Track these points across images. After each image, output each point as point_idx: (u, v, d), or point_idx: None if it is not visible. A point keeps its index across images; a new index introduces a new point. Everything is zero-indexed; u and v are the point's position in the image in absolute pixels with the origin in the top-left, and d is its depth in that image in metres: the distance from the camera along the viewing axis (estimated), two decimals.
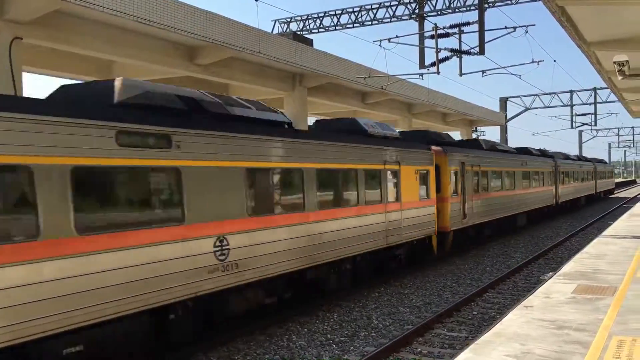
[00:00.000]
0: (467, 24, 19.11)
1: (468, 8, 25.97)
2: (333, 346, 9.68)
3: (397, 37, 19.38)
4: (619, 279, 10.07)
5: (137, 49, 16.00)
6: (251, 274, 9.62)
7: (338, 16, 30.39)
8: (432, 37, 19.18)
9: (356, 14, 29.69)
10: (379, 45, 19.65)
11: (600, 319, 7.48)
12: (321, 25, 30.99)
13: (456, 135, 45.33)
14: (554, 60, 28.93)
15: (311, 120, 25.23)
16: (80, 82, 9.67)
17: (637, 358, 5.90)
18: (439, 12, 26.75)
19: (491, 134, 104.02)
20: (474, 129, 48.36)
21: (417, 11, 26.57)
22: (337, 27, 30.48)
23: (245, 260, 9.49)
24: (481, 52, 19.61)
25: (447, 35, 19.17)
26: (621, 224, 20.03)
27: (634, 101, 24.07)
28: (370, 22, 29.24)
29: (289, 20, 32.10)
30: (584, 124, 46.55)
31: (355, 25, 29.76)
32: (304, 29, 31.32)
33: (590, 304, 8.30)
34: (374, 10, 29.08)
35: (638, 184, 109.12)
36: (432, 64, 19.95)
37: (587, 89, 44.98)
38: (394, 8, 28.30)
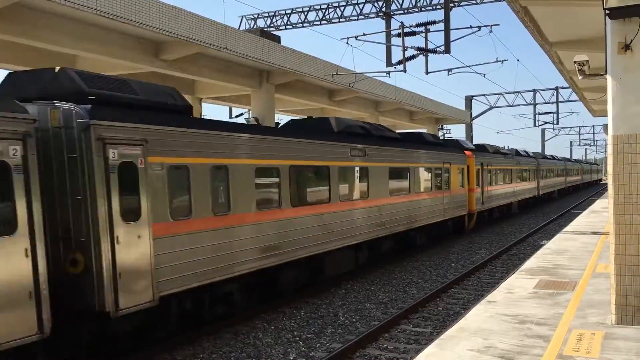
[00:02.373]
0: (433, 22, 19.27)
1: (434, 7, 26.23)
2: (300, 343, 9.69)
3: (364, 35, 19.45)
4: (579, 274, 10.31)
5: (101, 44, 15.70)
6: (389, 230, 16.32)
7: (305, 13, 30.35)
8: (398, 35, 19.28)
9: (324, 11, 29.70)
10: (347, 42, 19.69)
11: (561, 313, 7.65)
12: (289, 22, 30.91)
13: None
14: (518, 60, 29.45)
15: (277, 117, 25.16)
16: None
17: (596, 351, 6.06)
18: (406, 11, 26.93)
19: (457, 131, 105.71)
20: (439, 126, 48.86)
21: (384, 9, 26.71)
22: (304, 24, 30.44)
23: (387, 220, 16.11)
24: (447, 50, 19.81)
25: (413, 33, 19.30)
26: (582, 220, 20.51)
27: (594, 100, 24.66)
28: (337, 20, 29.28)
29: (256, 16, 31.93)
30: (546, 123, 47.49)
31: (322, 22, 29.77)
32: (272, 25, 31.20)
33: (551, 299, 8.48)
34: (342, 8, 29.13)
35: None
36: (399, 62, 20.07)
37: (549, 88, 45.88)
38: (361, 6, 28.41)
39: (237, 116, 29.44)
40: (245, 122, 20.98)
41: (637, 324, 6.79)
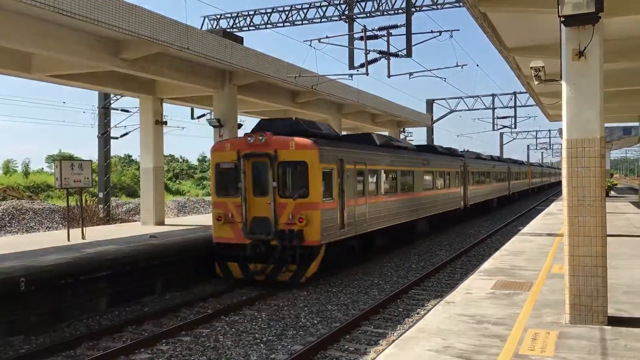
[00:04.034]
0: (395, 26, 19.46)
1: (396, 11, 26.46)
2: (261, 345, 9.65)
3: (327, 37, 19.49)
4: (535, 275, 10.55)
5: (58, 42, 15.31)
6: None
7: (269, 14, 30.26)
8: (361, 38, 19.41)
9: (287, 13, 29.66)
10: (310, 45, 19.71)
11: (517, 313, 7.81)
12: (251, 23, 30.76)
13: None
14: (477, 65, 30.07)
15: (240, 119, 24.99)
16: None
17: (550, 350, 6.21)
18: (368, 15, 27.12)
19: (418, 134, 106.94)
20: (401, 129, 49.36)
21: (346, 13, 26.85)
22: (267, 26, 30.33)
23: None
24: (408, 54, 20.05)
25: (375, 37, 19.45)
26: (537, 222, 20.99)
27: (550, 105, 25.24)
28: (300, 22, 29.28)
29: (218, 17, 31.69)
30: (504, 127, 48.46)
31: (285, 24, 29.72)
32: (234, 26, 31.00)
33: (508, 299, 8.66)
34: (305, 10, 29.14)
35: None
36: (361, 65, 20.19)
37: (507, 92, 46.81)
38: (324, 9, 28.47)
39: (199, 117, 29.12)
40: (209, 124, 20.93)
41: (590, 323, 6.99)
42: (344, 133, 26.29)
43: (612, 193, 40.06)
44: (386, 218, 18.64)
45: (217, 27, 30.67)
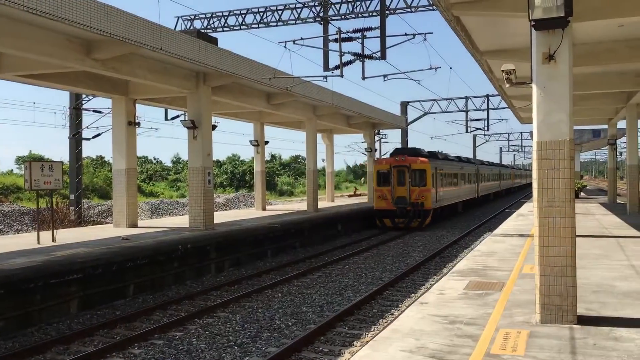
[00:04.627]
0: (370, 29, 19.54)
1: (370, 14, 26.61)
2: (235, 348, 9.60)
3: (302, 39, 19.50)
4: (507, 275, 10.69)
5: (28, 41, 15.05)
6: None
7: (243, 16, 30.17)
8: (336, 40, 19.45)
9: (261, 14, 29.61)
10: (284, 46, 19.69)
11: (489, 313, 7.90)
12: (226, 24, 30.63)
13: (359, 136, 46.25)
14: (450, 68, 30.28)
15: (214, 120, 24.81)
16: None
17: (521, 349, 6.29)
18: (343, 17, 27.22)
19: (393, 136, 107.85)
20: (376, 131, 49.60)
21: (321, 14, 26.91)
22: (242, 27, 30.24)
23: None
24: (383, 57, 20.17)
25: (350, 39, 19.51)
26: (510, 224, 21.26)
27: (521, 108, 25.63)
28: (275, 23, 29.26)
29: (192, 17, 31.48)
30: (477, 129, 48.95)
31: (260, 25, 29.66)
32: (208, 27, 30.84)
33: (480, 299, 8.75)
34: (279, 12, 29.13)
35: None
36: (336, 67, 20.23)
37: (480, 95, 47.30)
38: (299, 10, 28.50)
39: (172, 118, 28.87)
40: (182, 125, 20.90)
41: (560, 323, 7.11)
42: (319, 135, 27.45)
43: (582, 194, 40.80)
44: (449, 199, 32.91)
45: (191, 28, 30.48)
